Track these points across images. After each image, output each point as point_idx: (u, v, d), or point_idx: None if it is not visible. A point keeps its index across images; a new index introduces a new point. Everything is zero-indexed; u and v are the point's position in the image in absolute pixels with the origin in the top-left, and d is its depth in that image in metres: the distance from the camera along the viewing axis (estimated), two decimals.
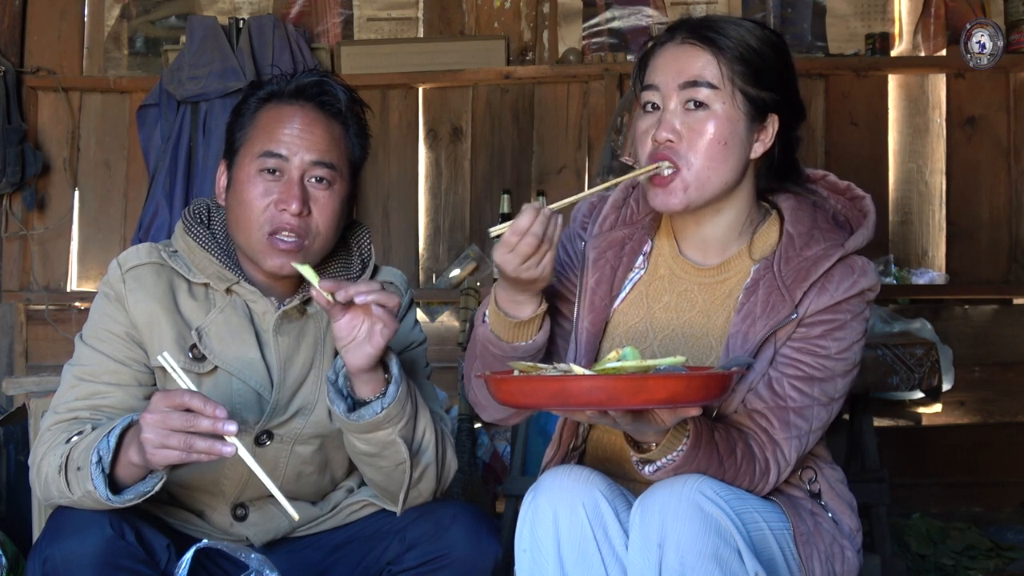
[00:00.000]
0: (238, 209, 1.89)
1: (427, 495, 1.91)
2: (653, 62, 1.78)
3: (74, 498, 1.74)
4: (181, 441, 1.63)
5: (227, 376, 1.89)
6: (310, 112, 1.91)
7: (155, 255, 1.93)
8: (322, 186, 1.90)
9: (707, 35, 1.73)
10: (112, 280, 1.91)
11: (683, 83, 1.72)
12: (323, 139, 1.90)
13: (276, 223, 1.87)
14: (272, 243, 1.87)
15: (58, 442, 1.80)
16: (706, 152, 1.72)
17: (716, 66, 1.72)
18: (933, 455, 3.84)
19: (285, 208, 1.86)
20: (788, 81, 1.79)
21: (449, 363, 3.84)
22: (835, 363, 1.74)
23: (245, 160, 1.90)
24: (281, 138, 1.88)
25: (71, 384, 1.88)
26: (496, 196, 4.00)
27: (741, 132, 1.74)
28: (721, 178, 1.74)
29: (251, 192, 1.87)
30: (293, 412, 1.93)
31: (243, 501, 1.95)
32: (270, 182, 1.88)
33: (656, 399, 1.47)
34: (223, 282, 1.91)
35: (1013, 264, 3.93)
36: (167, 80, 3.83)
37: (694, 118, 1.72)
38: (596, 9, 4.10)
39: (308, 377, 1.95)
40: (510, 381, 1.54)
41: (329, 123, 1.92)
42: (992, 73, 3.87)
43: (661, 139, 1.72)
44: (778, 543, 1.72)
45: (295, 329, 1.95)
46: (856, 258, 1.77)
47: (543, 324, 1.76)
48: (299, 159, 1.88)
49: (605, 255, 1.88)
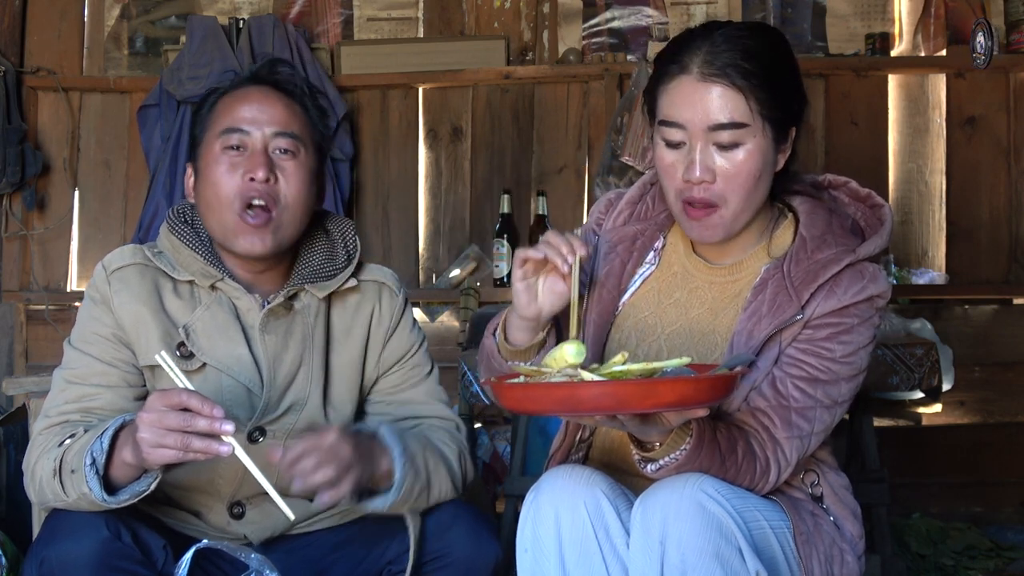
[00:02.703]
0: (207, 192, 1.91)
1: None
2: (670, 96, 1.73)
3: (69, 501, 1.74)
4: (177, 440, 1.62)
5: (216, 373, 1.90)
6: (267, 91, 1.94)
7: (139, 256, 1.93)
8: (287, 157, 1.92)
9: (727, 70, 1.68)
10: (98, 283, 1.92)
11: (713, 125, 1.69)
12: (283, 112, 1.93)
13: (245, 193, 1.87)
14: (243, 219, 1.88)
15: (51, 446, 1.80)
16: (743, 188, 1.72)
17: (744, 103, 1.69)
18: (933, 455, 3.84)
19: (252, 176, 1.87)
20: (798, 83, 1.78)
21: (449, 363, 3.83)
22: (840, 366, 1.74)
23: (208, 145, 1.92)
24: (242, 115, 1.91)
25: (61, 388, 1.89)
26: (496, 196, 4.00)
27: (771, 157, 1.74)
28: (756, 205, 1.76)
29: (217, 170, 1.89)
30: (285, 408, 1.93)
31: (239, 500, 1.95)
32: (235, 157, 1.89)
33: (665, 403, 1.47)
34: (208, 279, 1.92)
35: (1013, 264, 3.93)
36: (167, 80, 3.83)
37: (727, 158, 1.70)
38: (596, 9, 4.10)
39: (299, 373, 1.95)
40: (516, 388, 1.53)
41: (287, 99, 1.95)
42: (992, 73, 3.87)
43: (695, 180, 1.71)
44: (779, 542, 1.72)
45: (282, 326, 1.94)
46: (867, 264, 1.77)
47: (540, 350, 1.76)
48: (260, 132, 1.90)
49: (616, 249, 1.89)
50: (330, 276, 1.98)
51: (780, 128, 1.73)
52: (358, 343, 2.02)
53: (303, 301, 1.96)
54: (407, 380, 2.06)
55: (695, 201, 1.73)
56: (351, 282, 1.99)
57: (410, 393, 2.05)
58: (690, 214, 1.74)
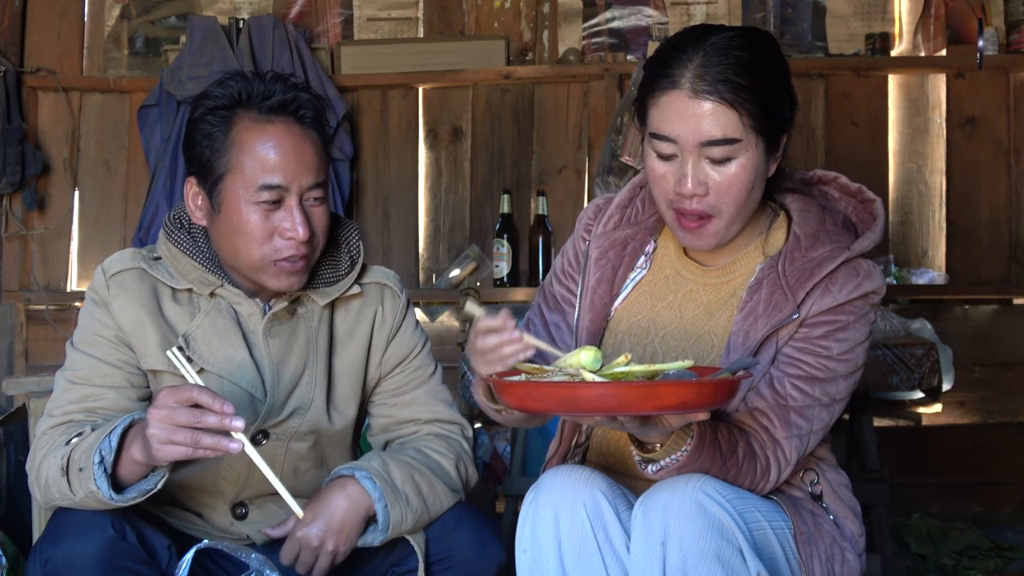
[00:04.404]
0: (235, 238, 1.85)
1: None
2: (661, 110, 1.71)
3: (76, 499, 1.74)
4: (187, 437, 1.63)
5: (217, 379, 1.89)
6: (293, 130, 1.86)
7: (139, 260, 1.93)
8: (318, 203, 1.88)
9: (719, 86, 1.66)
10: (97, 286, 1.91)
11: (705, 142, 1.68)
12: (314, 158, 1.86)
13: (284, 252, 1.85)
14: (280, 267, 1.86)
15: (57, 444, 1.80)
16: (735, 200, 1.72)
17: (736, 119, 1.67)
18: (933, 455, 3.84)
19: (293, 237, 1.83)
20: (790, 90, 1.76)
21: (449, 363, 3.83)
22: (837, 364, 1.74)
23: (236, 191, 1.83)
24: (275, 167, 1.83)
25: (64, 389, 1.89)
26: (496, 196, 4.00)
27: (763, 167, 1.74)
28: (748, 213, 1.76)
29: (251, 223, 1.83)
30: (289, 412, 1.93)
31: (242, 500, 1.96)
32: (268, 211, 1.84)
33: (666, 405, 1.47)
34: (207, 286, 1.91)
35: (1013, 264, 3.92)
36: (167, 80, 3.83)
37: (720, 172, 1.70)
38: (596, 9, 4.10)
39: (303, 377, 1.95)
40: (519, 386, 1.53)
41: (311, 136, 1.88)
42: (992, 73, 3.87)
43: (687, 193, 1.70)
44: (779, 542, 1.72)
45: (286, 331, 1.94)
46: (862, 261, 1.76)
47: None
48: (297, 186, 1.84)
49: (607, 254, 1.88)
50: (333, 282, 1.97)
51: (772, 138, 1.73)
52: (361, 345, 2.01)
53: (306, 306, 1.96)
54: (410, 381, 2.05)
55: (688, 213, 1.73)
56: (354, 288, 1.99)
57: (412, 395, 2.05)
58: (683, 224, 1.74)
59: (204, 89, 1.92)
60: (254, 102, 1.85)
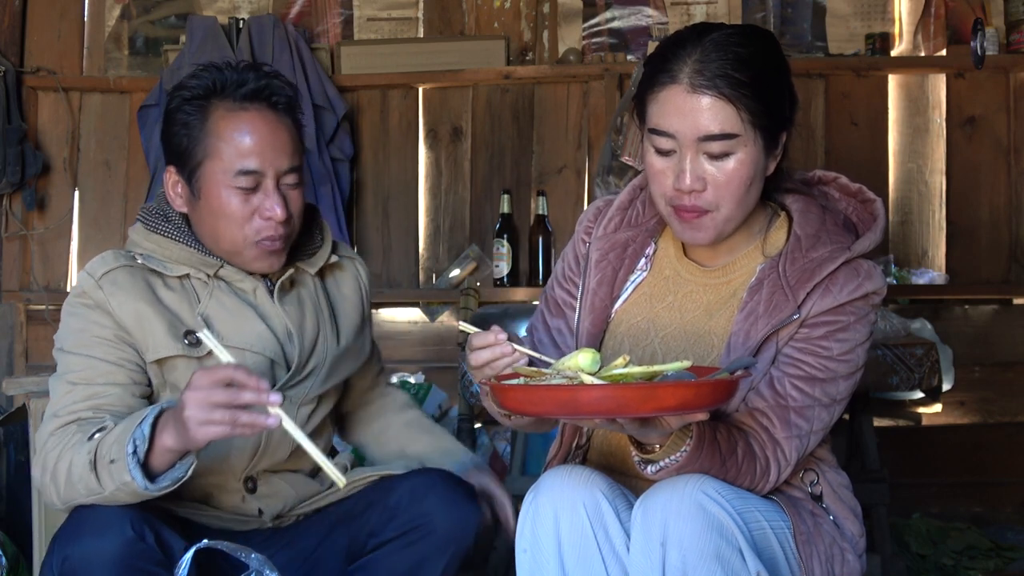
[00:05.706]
0: (216, 221, 1.92)
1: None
2: (660, 105, 1.71)
3: (105, 493, 1.74)
4: (225, 415, 1.65)
5: (239, 353, 1.92)
6: (268, 116, 1.92)
7: (123, 258, 1.95)
8: (294, 187, 1.95)
9: (717, 81, 1.66)
10: (87, 290, 1.91)
11: (703, 136, 1.68)
12: (288, 142, 1.93)
13: (263, 232, 1.92)
14: (260, 247, 1.93)
15: (75, 442, 1.79)
16: (734, 195, 1.71)
17: (734, 114, 1.67)
18: (933, 455, 3.84)
19: (271, 217, 1.91)
20: (790, 88, 1.77)
21: (449, 363, 3.84)
22: (837, 364, 1.74)
23: (215, 176, 1.90)
24: (251, 152, 1.89)
25: (66, 390, 1.88)
26: (496, 196, 4.00)
27: (762, 163, 1.73)
28: (747, 210, 1.76)
29: (231, 205, 1.91)
30: (307, 372, 2.01)
31: (251, 474, 1.98)
32: (246, 194, 1.91)
33: (666, 406, 1.47)
34: (208, 267, 1.95)
35: (1013, 264, 3.92)
36: (167, 80, 3.83)
37: (718, 167, 1.70)
38: (596, 9, 4.10)
39: (318, 337, 2.04)
40: (517, 390, 1.53)
41: (285, 122, 1.95)
42: (992, 73, 3.87)
43: (685, 188, 1.70)
44: (779, 542, 1.72)
45: (293, 298, 2.03)
46: (862, 261, 1.76)
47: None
48: (273, 170, 1.91)
49: (607, 257, 1.88)
50: (312, 254, 2.07)
51: (771, 135, 1.73)
52: (358, 308, 2.15)
53: (299, 277, 2.06)
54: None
55: (685, 207, 1.73)
56: (333, 258, 2.10)
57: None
58: (680, 216, 1.74)
59: (179, 81, 1.97)
60: (228, 91, 1.91)
